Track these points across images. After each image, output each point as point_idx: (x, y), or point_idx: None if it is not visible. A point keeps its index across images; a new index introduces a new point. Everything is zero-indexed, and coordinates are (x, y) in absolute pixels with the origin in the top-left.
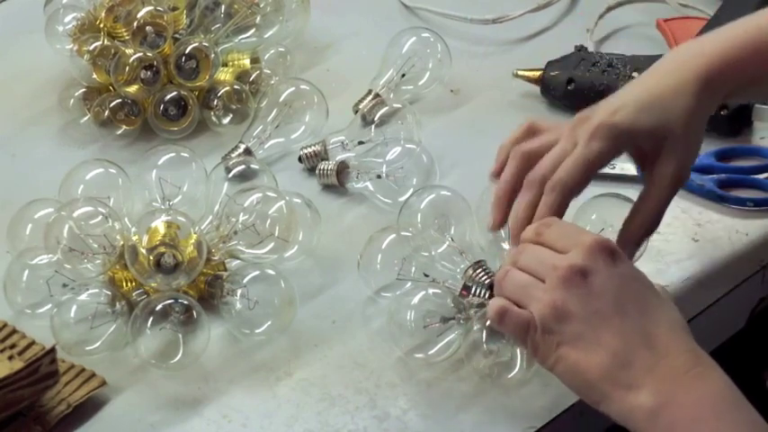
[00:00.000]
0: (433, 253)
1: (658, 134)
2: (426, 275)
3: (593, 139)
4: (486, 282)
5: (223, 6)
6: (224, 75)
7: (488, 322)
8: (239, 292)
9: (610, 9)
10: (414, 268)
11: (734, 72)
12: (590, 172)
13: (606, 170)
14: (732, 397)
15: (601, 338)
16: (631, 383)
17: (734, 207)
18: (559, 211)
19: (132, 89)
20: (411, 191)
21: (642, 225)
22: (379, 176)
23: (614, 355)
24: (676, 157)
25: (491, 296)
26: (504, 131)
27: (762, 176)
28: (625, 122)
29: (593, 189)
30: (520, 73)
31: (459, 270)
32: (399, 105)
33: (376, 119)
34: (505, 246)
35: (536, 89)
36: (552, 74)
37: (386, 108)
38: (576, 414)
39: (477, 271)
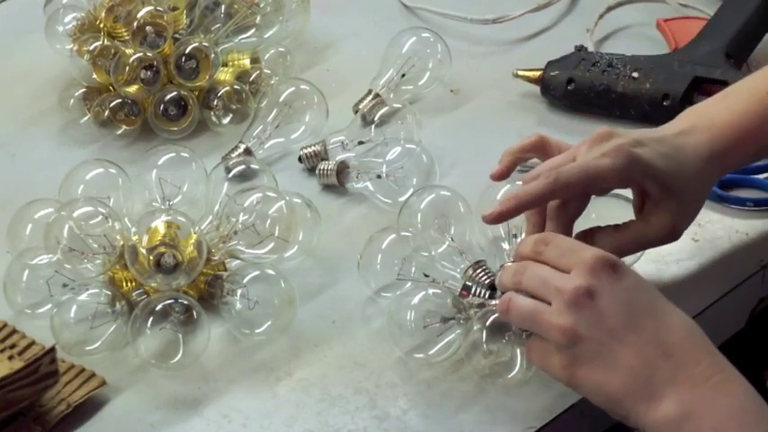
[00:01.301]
0: (433, 253)
1: (669, 184)
2: (426, 275)
3: (608, 156)
4: (486, 282)
5: (223, 6)
6: (224, 75)
7: (488, 322)
8: (239, 292)
9: (610, 9)
10: (414, 268)
11: (745, 144)
12: (589, 181)
13: None
14: (755, 406)
15: (618, 357)
16: (654, 396)
17: (734, 207)
18: (540, 198)
19: (132, 89)
20: (411, 191)
21: (612, 249)
22: (379, 176)
23: (634, 372)
24: (676, 214)
25: (491, 296)
26: (504, 131)
27: (762, 176)
28: (644, 157)
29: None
30: (520, 73)
31: (459, 270)
32: (399, 105)
33: (376, 119)
34: (505, 246)
35: (536, 89)
36: (552, 74)
37: (386, 108)
38: (576, 414)
39: (477, 271)
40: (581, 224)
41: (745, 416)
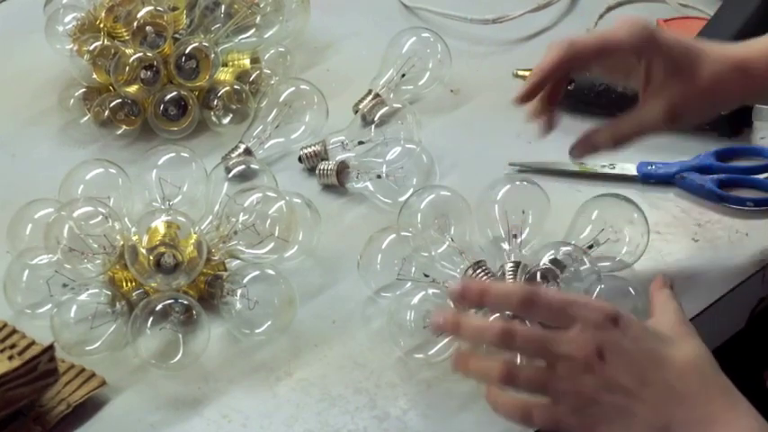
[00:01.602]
0: (432, 253)
1: (679, 63)
2: (426, 276)
3: (625, 26)
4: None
5: (223, 6)
6: (224, 75)
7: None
8: (239, 292)
9: (610, 9)
10: (414, 268)
11: None
12: (603, 49)
13: (606, 170)
14: None
15: (636, 413)
16: None
17: (734, 207)
18: (557, 65)
19: (132, 89)
20: (411, 191)
21: (612, 136)
22: (379, 176)
23: (652, 426)
24: (678, 97)
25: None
26: (504, 131)
27: (762, 176)
28: (661, 35)
29: (593, 189)
30: (520, 73)
31: (459, 270)
32: (399, 105)
33: (376, 119)
34: (505, 246)
35: None
36: None
37: (386, 108)
38: None
39: (477, 271)
40: (581, 224)
41: None
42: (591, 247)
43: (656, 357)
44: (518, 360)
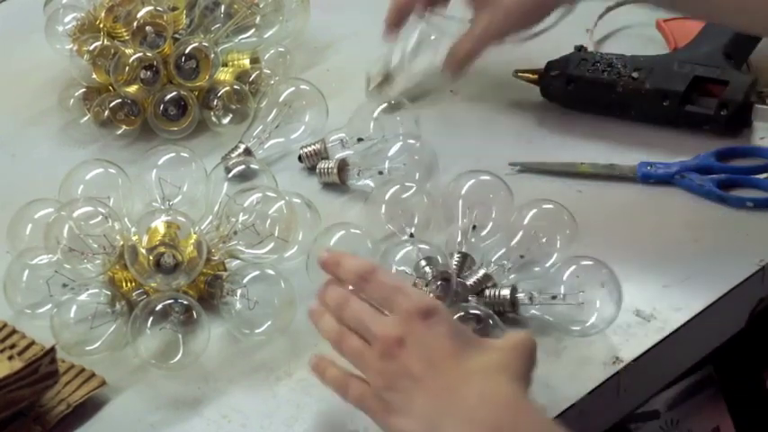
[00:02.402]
0: (387, 248)
1: None
2: None
3: None
4: (433, 278)
5: (223, 6)
6: (224, 75)
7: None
8: (239, 292)
9: (609, 9)
10: None
11: None
12: None
13: (606, 170)
14: None
15: (414, 403)
16: None
17: (734, 207)
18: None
19: (132, 89)
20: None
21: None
22: (380, 173)
23: (426, 419)
24: None
25: (443, 290)
26: (505, 131)
27: (762, 176)
28: None
29: (593, 189)
30: (520, 73)
31: (413, 265)
32: (400, 101)
33: (375, 115)
34: (459, 237)
35: (536, 89)
36: (552, 74)
37: (385, 105)
38: (576, 414)
39: (426, 267)
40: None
41: None
42: None
43: (452, 355)
44: None
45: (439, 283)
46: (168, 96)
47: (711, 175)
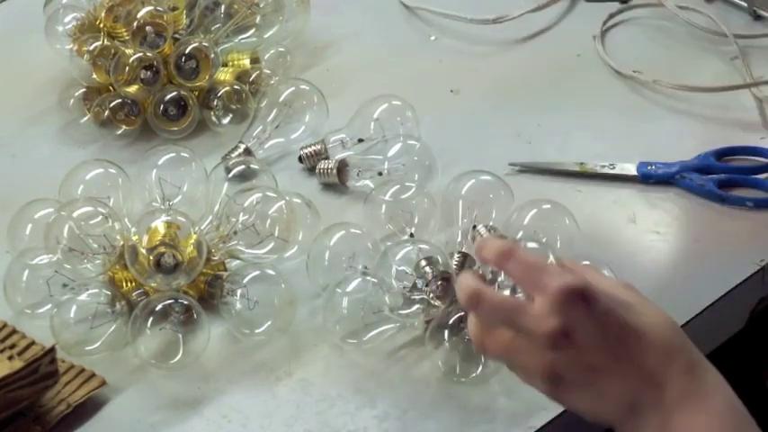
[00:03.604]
0: (387, 248)
1: None
2: (366, 268)
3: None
4: (433, 279)
5: (223, 6)
6: (224, 75)
7: (450, 321)
8: (239, 292)
9: (612, 16)
10: (360, 266)
11: None
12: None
13: (606, 170)
14: (732, 424)
15: (603, 390)
16: (639, 422)
17: (734, 207)
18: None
19: (132, 89)
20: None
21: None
22: (380, 173)
23: (620, 402)
24: None
25: (442, 292)
26: (505, 131)
27: (762, 176)
28: None
29: (593, 189)
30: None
31: (413, 265)
32: (398, 102)
33: (375, 116)
34: (459, 237)
35: (535, 89)
36: None
37: (385, 105)
38: (577, 414)
39: (426, 267)
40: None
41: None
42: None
43: (623, 331)
44: None
45: (439, 283)
46: (168, 96)
47: (711, 175)
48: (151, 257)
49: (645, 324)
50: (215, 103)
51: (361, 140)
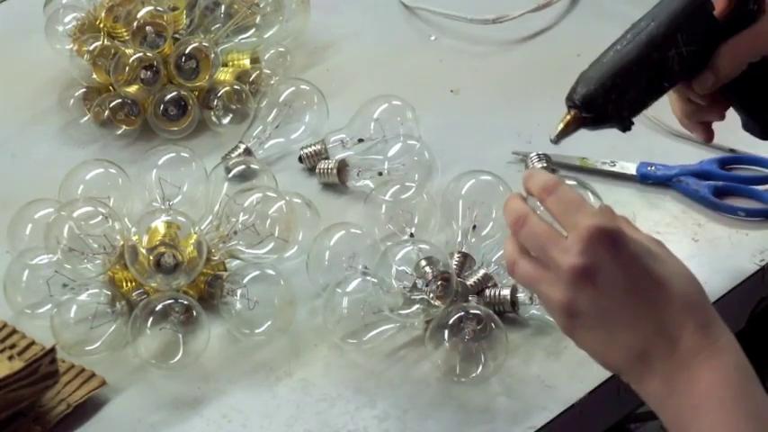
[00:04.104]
0: (387, 248)
1: None
2: (366, 269)
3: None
4: (433, 279)
5: (223, 6)
6: (224, 75)
7: (450, 321)
8: (239, 292)
9: None
10: (360, 266)
11: None
12: None
13: (606, 167)
14: (738, 383)
15: (615, 335)
16: (646, 371)
17: (726, 215)
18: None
19: (132, 89)
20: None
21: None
22: (380, 173)
23: (631, 349)
24: None
25: (443, 291)
26: (504, 131)
27: (761, 187)
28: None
29: (592, 185)
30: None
31: (413, 265)
32: (398, 102)
33: (375, 116)
34: (459, 237)
35: (535, 89)
36: None
37: (386, 104)
38: (576, 414)
39: (426, 267)
40: None
41: (726, 391)
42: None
43: (646, 278)
44: None
45: (439, 283)
46: (168, 96)
47: (709, 181)
48: (151, 257)
49: (669, 275)
50: (215, 103)
51: (361, 140)
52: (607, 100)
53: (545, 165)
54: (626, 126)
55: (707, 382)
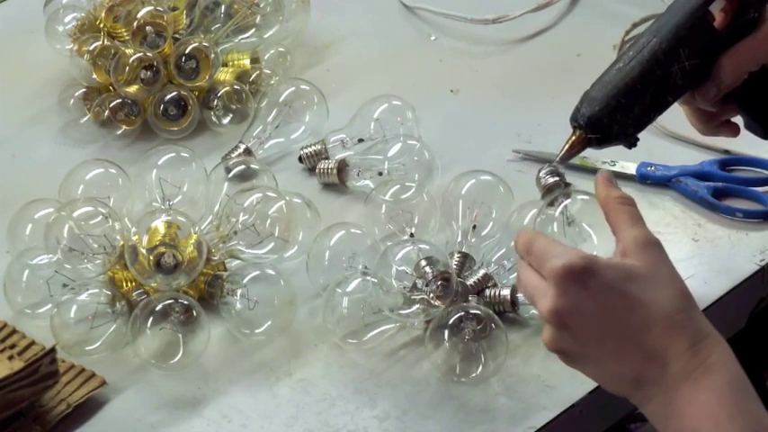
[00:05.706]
0: (387, 248)
1: None
2: (366, 268)
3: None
4: (433, 279)
5: (223, 6)
6: (224, 75)
7: (450, 321)
8: (239, 292)
9: (635, 25)
10: (360, 265)
11: None
12: None
13: (606, 166)
14: (733, 400)
15: (605, 366)
16: (644, 396)
17: (724, 216)
18: None
19: (132, 89)
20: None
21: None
22: (380, 173)
23: (623, 378)
24: None
25: (442, 292)
26: (504, 131)
27: (760, 189)
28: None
29: (592, 185)
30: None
31: (413, 265)
32: (398, 102)
33: (375, 116)
34: (459, 237)
35: (535, 90)
36: None
37: (386, 105)
38: (576, 414)
39: (426, 267)
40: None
41: (721, 410)
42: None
43: (621, 309)
44: None
45: (439, 283)
46: (168, 96)
47: (708, 182)
48: (151, 257)
49: (648, 298)
50: (215, 103)
51: (361, 140)
52: (612, 120)
53: (557, 179)
54: (632, 143)
55: (701, 403)
